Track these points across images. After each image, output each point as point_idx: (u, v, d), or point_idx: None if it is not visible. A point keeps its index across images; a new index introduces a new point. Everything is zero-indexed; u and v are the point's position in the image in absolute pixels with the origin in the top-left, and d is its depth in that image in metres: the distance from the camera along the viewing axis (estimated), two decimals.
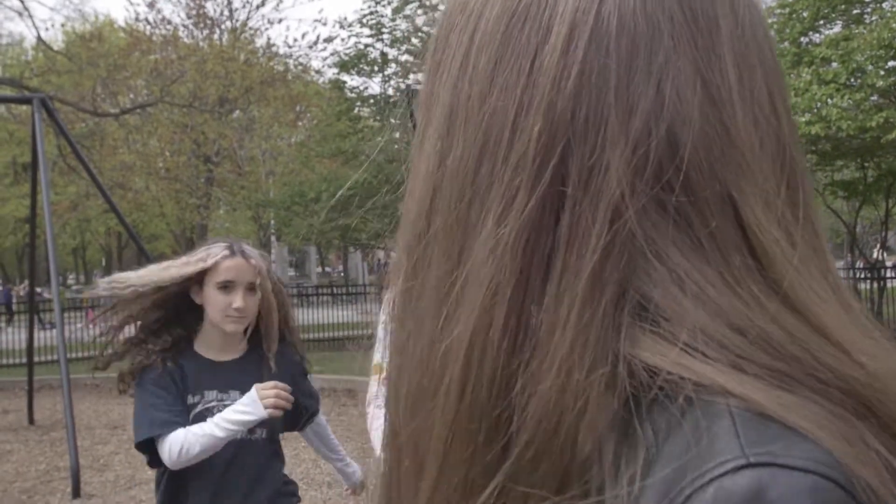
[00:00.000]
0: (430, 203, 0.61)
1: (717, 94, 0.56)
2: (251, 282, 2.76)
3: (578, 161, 0.54)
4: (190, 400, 2.70)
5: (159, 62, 21.99)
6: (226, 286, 2.73)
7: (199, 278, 2.73)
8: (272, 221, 23.81)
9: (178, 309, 2.78)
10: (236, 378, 2.78)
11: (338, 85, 17.97)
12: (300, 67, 24.86)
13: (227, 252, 2.77)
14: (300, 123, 25.49)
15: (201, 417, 2.66)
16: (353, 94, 17.49)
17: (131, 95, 24.51)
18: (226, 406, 2.69)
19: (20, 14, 22.86)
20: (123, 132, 22.83)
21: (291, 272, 44.18)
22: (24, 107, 17.56)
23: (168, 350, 2.74)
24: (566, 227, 0.54)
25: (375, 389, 2.82)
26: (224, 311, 2.72)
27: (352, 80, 18.17)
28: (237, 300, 2.72)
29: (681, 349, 0.50)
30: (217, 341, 2.83)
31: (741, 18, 0.58)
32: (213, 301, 2.74)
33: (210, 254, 2.75)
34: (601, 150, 0.54)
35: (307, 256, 43.62)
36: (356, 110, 17.47)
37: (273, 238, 26.50)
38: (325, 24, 43.08)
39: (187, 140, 21.88)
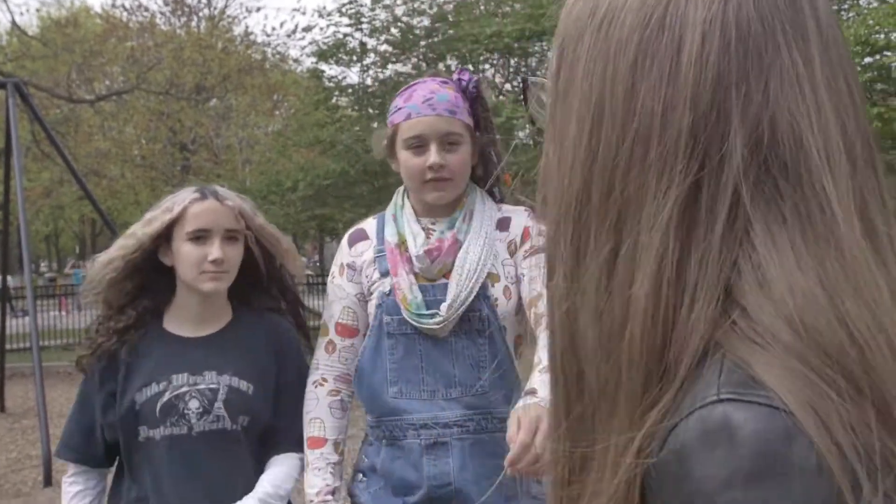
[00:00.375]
0: (583, 186, 0.71)
1: (809, 88, 0.67)
2: (230, 229, 2.27)
3: (715, 147, 0.66)
4: (154, 389, 2.23)
5: (136, 49, 21.80)
6: (198, 236, 2.24)
7: (167, 234, 2.26)
8: None
9: (146, 277, 2.32)
10: (213, 356, 2.30)
11: (316, 74, 17.87)
12: (278, 56, 24.75)
13: (195, 196, 2.28)
14: (277, 113, 25.38)
15: (171, 408, 2.22)
16: (332, 84, 17.40)
17: (107, 82, 24.31)
18: (199, 391, 2.24)
19: None
20: (99, 119, 22.63)
21: None
22: None
23: (131, 327, 2.29)
24: (705, 202, 0.66)
25: (318, 357, 2.40)
26: (198, 265, 2.23)
27: (330, 70, 18.11)
28: (213, 251, 2.22)
29: (729, 324, 0.64)
30: (193, 311, 2.34)
31: (824, 29, 0.70)
32: (184, 256, 2.25)
33: (176, 201, 2.28)
34: (727, 136, 0.66)
35: None
36: (334, 100, 17.39)
37: None
38: (303, 14, 43.01)
39: (163, 128, 21.73)
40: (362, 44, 16.28)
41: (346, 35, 16.31)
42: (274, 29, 49.45)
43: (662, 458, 0.62)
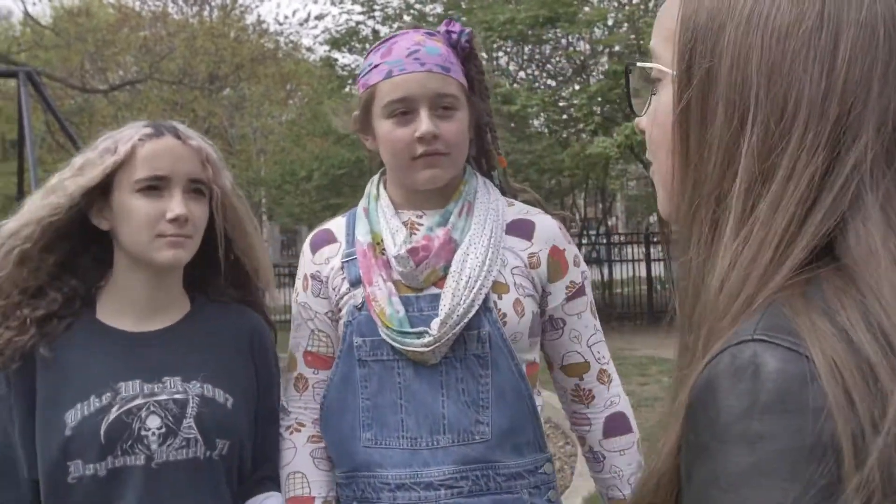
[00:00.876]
0: (729, 170, 0.78)
1: None
2: (195, 177, 1.68)
3: (852, 132, 0.74)
4: (94, 404, 1.59)
5: (148, 39, 21.78)
6: (152, 186, 1.63)
7: (104, 187, 1.65)
8: (263, 200, 23.66)
9: (72, 248, 1.70)
10: (173, 355, 1.69)
11: (329, 63, 17.80)
12: (290, 45, 24.68)
13: (148, 131, 1.67)
14: (291, 102, 25.35)
15: (121, 429, 1.60)
16: (345, 73, 17.33)
17: (120, 72, 24.30)
18: (160, 404, 1.62)
19: None
20: (113, 109, 22.58)
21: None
22: (11, 83, 17.36)
23: (54, 316, 1.65)
24: (829, 177, 0.74)
25: (288, 397, 1.87)
26: (152, 225, 1.63)
27: (343, 58, 18.04)
28: (174, 205, 1.62)
29: (808, 276, 0.73)
30: (138, 296, 1.70)
31: None
32: (132, 213, 1.63)
33: (120, 139, 1.65)
34: (863, 123, 0.74)
35: (298, 236, 43.50)
36: (348, 88, 17.31)
37: (264, 217, 26.39)
38: (315, 2, 42.77)
39: (177, 118, 21.69)
40: (375, 31, 16.21)
41: (358, 23, 16.26)
42: (286, 17, 49.39)
43: (696, 386, 0.71)
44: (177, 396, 1.65)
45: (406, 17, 15.95)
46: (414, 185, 1.79)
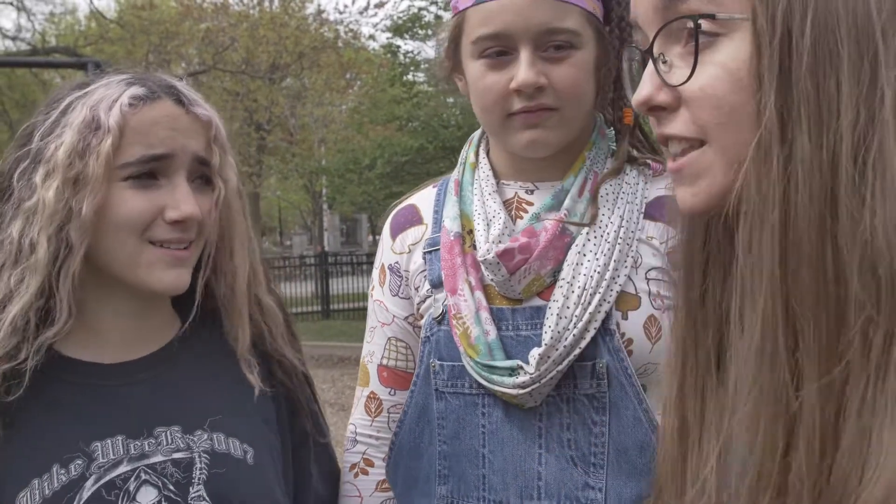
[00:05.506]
0: (874, 114, 0.66)
1: None
2: (202, 156, 1.20)
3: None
4: (59, 478, 1.08)
5: (211, 30, 21.95)
6: (148, 173, 1.14)
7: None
8: (324, 189, 23.68)
9: None
10: (167, 396, 1.20)
11: (391, 49, 17.66)
12: (350, 34, 24.67)
13: (139, 91, 1.16)
14: (350, 91, 25.37)
15: (98, 501, 1.09)
16: (407, 59, 17.18)
17: (183, 64, 24.53)
18: (153, 468, 1.13)
19: None
20: None
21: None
22: (79, 75, 17.63)
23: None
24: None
25: (355, 421, 1.47)
26: (142, 229, 1.14)
27: (405, 45, 17.90)
28: (179, 198, 1.14)
29: None
30: (112, 328, 1.21)
31: None
32: (117, 215, 1.13)
33: (99, 104, 1.13)
34: None
35: (358, 224, 43.62)
36: (410, 75, 17.17)
37: (325, 206, 26.47)
38: None
39: (240, 108, 21.85)
40: (438, 17, 16.02)
41: (421, 9, 16.09)
42: (346, 6, 49.40)
43: None
44: (177, 456, 1.15)
45: None
46: (511, 149, 1.32)
